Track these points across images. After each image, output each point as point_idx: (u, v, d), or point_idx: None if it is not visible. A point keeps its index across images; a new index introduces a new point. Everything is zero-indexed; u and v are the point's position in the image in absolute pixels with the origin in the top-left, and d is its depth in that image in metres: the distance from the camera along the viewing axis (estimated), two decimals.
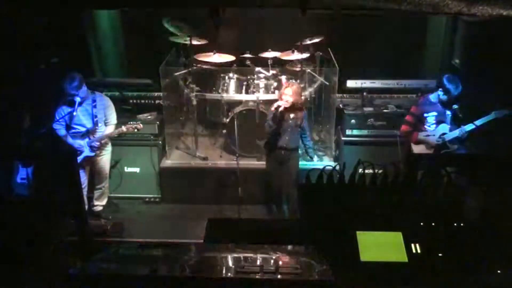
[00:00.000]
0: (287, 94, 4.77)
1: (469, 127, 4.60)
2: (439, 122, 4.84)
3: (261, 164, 5.63)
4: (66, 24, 5.86)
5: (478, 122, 4.57)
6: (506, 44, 4.81)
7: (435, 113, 4.84)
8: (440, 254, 2.12)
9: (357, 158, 2.77)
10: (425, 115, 4.87)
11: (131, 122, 5.11)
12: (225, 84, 5.95)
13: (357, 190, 2.53)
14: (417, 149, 4.97)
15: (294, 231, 2.50)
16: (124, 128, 5.01)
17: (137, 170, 5.80)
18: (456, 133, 4.67)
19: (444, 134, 4.79)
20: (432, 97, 4.88)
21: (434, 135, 4.83)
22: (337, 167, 2.59)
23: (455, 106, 4.77)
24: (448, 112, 4.81)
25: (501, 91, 4.88)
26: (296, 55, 5.80)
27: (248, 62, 6.04)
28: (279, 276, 1.70)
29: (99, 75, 6.54)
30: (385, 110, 5.77)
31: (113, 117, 5.10)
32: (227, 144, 5.98)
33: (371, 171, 2.57)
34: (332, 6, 2.34)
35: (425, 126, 4.88)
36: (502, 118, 4.50)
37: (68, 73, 4.73)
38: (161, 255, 2.05)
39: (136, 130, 5.08)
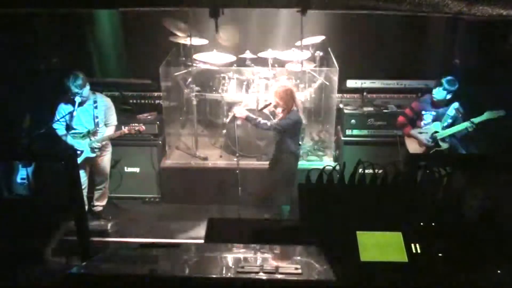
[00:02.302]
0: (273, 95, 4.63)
1: (479, 118, 4.57)
2: (435, 121, 4.87)
3: (261, 164, 5.63)
4: (66, 24, 5.87)
5: (475, 121, 4.59)
6: (505, 44, 4.82)
7: (433, 113, 4.87)
8: (440, 254, 2.12)
9: (357, 158, 2.77)
10: (424, 112, 4.91)
11: (133, 124, 5.11)
12: (225, 84, 5.94)
13: (357, 190, 2.53)
14: (410, 147, 5.02)
15: (294, 231, 2.50)
16: (125, 130, 5.01)
17: (137, 170, 5.81)
18: (465, 124, 4.64)
19: (436, 132, 4.82)
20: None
21: (426, 133, 4.87)
22: (337, 167, 2.59)
23: (455, 106, 4.79)
24: (450, 113, 4.81)
25: (501, 91, 4.88)
26: (296, 55, 5.80)
27: (248, 62, 6.04)
28: (279, 276, 1.70)
29: (99, 75, 6.55)
30: (385, 110, 5.78)
31: (113, 119, 5.09)
32: (227, 144, 5.99)
33: (371, 171, 2.57)
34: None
35: (422, 123, 4.93)
36: (496, 119, 4.51)
37: (71, 72, 4.73)
38: (161, 255, 2.05)
39: (138, 132, 5.07)
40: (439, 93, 4.76)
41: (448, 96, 4.75)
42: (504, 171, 2.68)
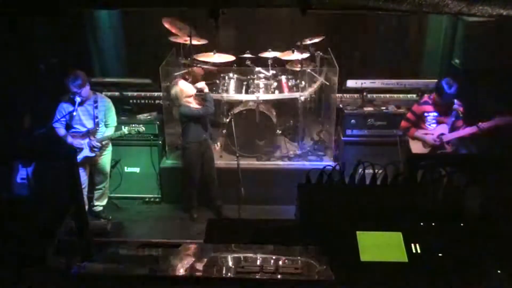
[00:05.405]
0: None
1: (487, 124, 4.54)
2: (439, 122, 4.85)
3: (261, 164, 5.63)
4: (66, 24, 5.86)
5: (482, 125, 4.57)
6: (506, 44, 4.81)
7: (435, 113, 4.86)
8: (440, 254, 2.12)
9: (357, 158, 2.77)
10: (426, 114, 4.89)
11: (134, 125, 5.11)
12: (225, 84, 5.94)
13: (357, 190, 2.53)
14: (414, 148, 5.00)
15: (294, 231, 2.50)
16: (125, 130, 5.01)
17: (137, 170, 5.80)
18: (472, 129, 4.61)
19: (442, 134, 4.80)
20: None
21: (432, 134, 4.86)
22: (337, 167, 2.58)
23: (455, 106, 4.78)
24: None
25: (501, 92, 4.88)
26: (296, 55, 5.80)
27: (248, 62, 6.04)
28: (279, 276, 1.70)
29: (99, 75, 6.54)
30: (385, 110, 5.77)
31: (113, 119, 5.10)
32: (227, 144, 5.98)
33: (371, 171, 2.57)
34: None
35: (425, 125, 4.91)
36: (503, 124, 4.50)
37: (71, 72, 4.73)
38: (161, 255, 2.05)
39: (138, 133, 5.07)
40: (441, 91, 4.70)
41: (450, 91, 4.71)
42: (504, 171, 2.68)
